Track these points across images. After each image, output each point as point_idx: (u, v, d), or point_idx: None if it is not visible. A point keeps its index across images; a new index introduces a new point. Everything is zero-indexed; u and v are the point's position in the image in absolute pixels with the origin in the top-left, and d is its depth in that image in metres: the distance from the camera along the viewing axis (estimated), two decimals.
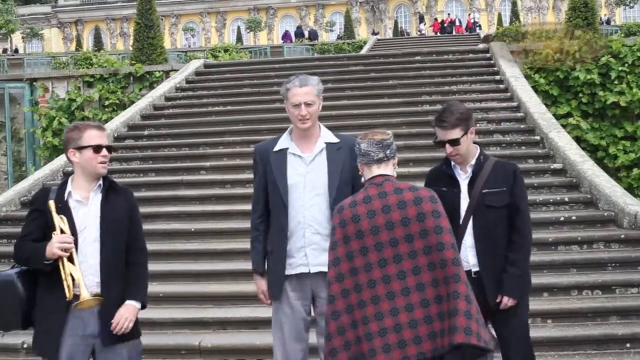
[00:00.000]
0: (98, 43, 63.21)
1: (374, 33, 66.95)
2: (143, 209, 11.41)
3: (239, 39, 65.89)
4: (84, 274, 4.77)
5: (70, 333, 4.81)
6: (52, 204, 4.85)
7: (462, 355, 4.30)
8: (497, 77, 16.10)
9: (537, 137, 12.88)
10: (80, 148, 4.92)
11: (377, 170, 4.59)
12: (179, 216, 11.41)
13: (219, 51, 31.29)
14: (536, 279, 7.94)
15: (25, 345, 8.11)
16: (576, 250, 9.77)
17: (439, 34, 60.81)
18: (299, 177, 5.29)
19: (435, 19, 68.63)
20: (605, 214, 10.34)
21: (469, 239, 5.18)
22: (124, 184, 12.35)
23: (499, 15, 67.80)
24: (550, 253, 9.58)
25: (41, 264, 4.76)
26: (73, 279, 4.74)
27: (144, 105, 15.89)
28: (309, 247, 5.23)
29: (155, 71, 18.56)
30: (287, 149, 5.37)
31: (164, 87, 16.95)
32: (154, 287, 9.27)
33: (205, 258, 10.16)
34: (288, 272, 5.26)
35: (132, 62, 19.58)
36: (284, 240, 5.26)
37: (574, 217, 10.44)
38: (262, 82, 17.16)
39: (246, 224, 10.90)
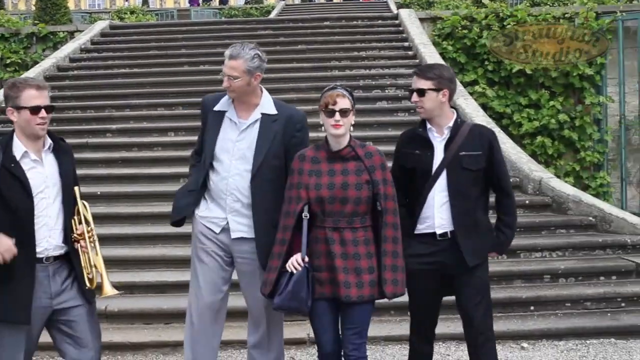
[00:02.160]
0: None
1: None
2: None
3: (145, 1, 64.72)
4: (45, 237, 4.66)
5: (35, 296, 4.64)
6: (77, 190, 4.77)
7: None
8: (406, 44, 16.15)
9: None
10: (18, 108, 4.70)
11: None
12: (84, 179, 11.04)
13: (125, 13, 30.64)
14: None
15: None
16: None
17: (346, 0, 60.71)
18: (229, 143, 5.25)
19: None
20: (511, 180, 10.45)
21: (437, 199, 5.17)
22: None
23: None
24: None
25: None
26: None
27: (47, 66, 15.47)
28: (230, 214, 5.25)
29: (59, 32, 18.08)
30: (225, 112, 5.32)
31: (69, 48, 16.52)
32: None
33: (111, 222, 9.98)
34: (200, 217, 5.38)
35: (35, 22, 19.06)
36: (205, 193, 5.36)
37: None
38: (170, 45, 16.98)
39: (153, 188, 10.91)
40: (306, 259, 4.86)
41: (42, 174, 4.71)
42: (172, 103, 13.75)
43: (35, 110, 4.66)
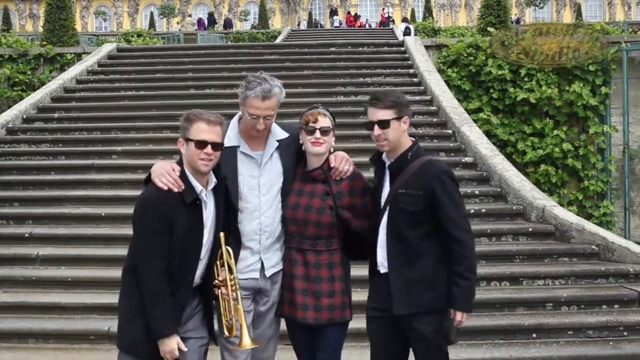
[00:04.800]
0: (7, 23, 61.68)
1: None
2: (52, 193, 11.41)
3: (152, 24, 65.06)
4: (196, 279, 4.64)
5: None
6: (222, 235, 4.61)
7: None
8: (411, 71, 16.25)
9: (449, 131, 13.05)
10: (187, 140, 4.59)
11: None
12: (89, 200, 11.21)
13: (132, 36, 30.87)
14: None
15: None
16: (485, 242, 9.94)
17: (352, 27, 61.01)
18: (252, 180, 4.92)
19: (349, 12, 68.79)
20: (514, 208, 10.56)
21: (380, 235, 4.85)
22: (33, 166, 12.28)
23: (412, 11, 68.41)
24: None
25: (151, 336, 4.49)
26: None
27: (54, 87, 15.56)
28: (263, 254, 4.95)
29: (66, 53, 18.20)
30: (237, 146, 4.94)
31: (76, 70, 16.62)
32: (62, 272, 9.24)
33: (116, 243, 9.95)
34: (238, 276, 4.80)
35: (43, 43, 19.17)
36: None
37: (483, 210, 10.63)
38: (176, 68, 17.05)
39: None
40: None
41: (205, 214, 4.64)
42: (178, 126, 13.70)
43: (201, 144, 4.52)
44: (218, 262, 4.63)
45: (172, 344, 4.42)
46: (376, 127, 4.77)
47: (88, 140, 13.51)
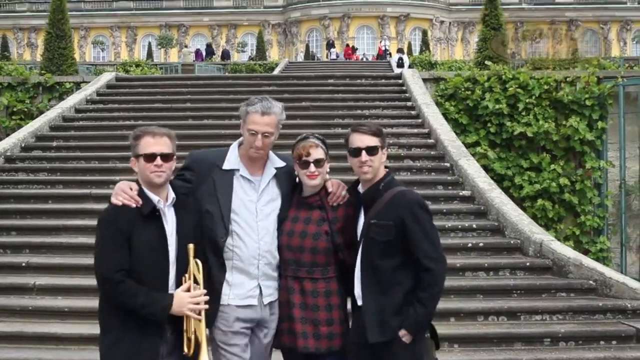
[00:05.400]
0: (5, 52, 61.86)
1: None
2: (50, 222, 11.38)
3: (150, 54, 65.34)
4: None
5: None
6: (191, 247, 4.56)
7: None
8: (409, 104, 16.29)
9: (447, 164, 13.08)
10: (138, 156, 4.65)
11: None
12: (87, 230, 11.15)
13: (131, 65, 30.99)
14: (444, 304, 8.02)
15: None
16: (483, 276, 9.95)
17: (349, 60, 61.23)
18: (251, 204, 4.91)
19: (347, 45, 69.04)
20: (512, 242, 10.56)
21: (357, 266, 4.81)
22: (31, 195, 12.27)
23: (409, 45, 68.66)
24: (457, 279, 9.70)
25: (161, 316, 4.45)
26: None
27: (53, 116, 15.59)
28: (261, 279, 4.89)
29: (65, 82, 18.23)
30: (236, 170, 4.96)
31: (75, 99, 16.66)
32: (59, 302, 9.21)
33: None
34: (234, 302, 4.85)
35: (42, 72, 19.22)
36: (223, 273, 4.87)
37: (481, 244, 10.63)
38: (175, 98, 17.08)
39: None
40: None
41: (167, 228, 4.65)
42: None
43: (150, 157, 4.59)
44: (186, 275, 4.58)
45: (181, 300, 4.45)
46: (364, 153, 4.79)
47: (86, 169, 13.52)
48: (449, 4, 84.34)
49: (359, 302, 4.82)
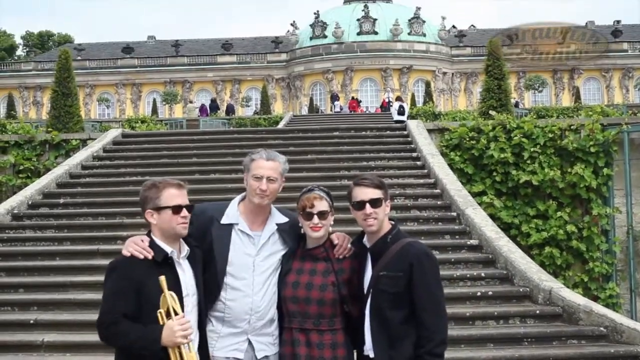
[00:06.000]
0: (11, 110, 62.37)
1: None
2: (57, 278, 11.36)
3: (155, 110, 65.73)
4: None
5: None
6: (163, 280, 4.42)
7: None
8: (414, 154, 16.36)
9: (454, 214, 13.08)
10: (159, 208, 4.61)
11: None
12: (95, 286, 11.13)
13: (136, 122, 31.20)
14: (454, 354, 8.03)
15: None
16: (493, 325, 9.89)
17: (353, 112, 61.57)
18: (248, 258, 4.87)
19: (353, 97, 69.52)
20: (521, 290, 10.52)
21: (366, 319, 4.77)
22: (38, 252, 12.27)
23: (412, 96, 68.98)
24: (467, 328, 9.67)
25: (155, 350, 4.37)
26: None
27: (60, 173, 15.67)
28: (252, 335, 4.85)
29: (72, 139, 18.34)
30: (235, 224, 4.94)
31: (81, 155, 16.76)
32: (67, 358, 9.18)
33: None
34: (219, 354, 4.81)
35: (49, 129, 19.35)
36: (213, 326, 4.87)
37: (490, 293, 10.59)
38: (181, 153, 17.16)
39: None
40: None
41: (185, 279, 4.65)
42: None
43: (177, 209, 4.58)
44: (162, 310, 4.45)
45: (170, 329, 4.37)
46: (368, 205, 4.79)
47: (93, 225, 13.53)
48: (451, 56, 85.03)
49: (370, 354, 4.76)
